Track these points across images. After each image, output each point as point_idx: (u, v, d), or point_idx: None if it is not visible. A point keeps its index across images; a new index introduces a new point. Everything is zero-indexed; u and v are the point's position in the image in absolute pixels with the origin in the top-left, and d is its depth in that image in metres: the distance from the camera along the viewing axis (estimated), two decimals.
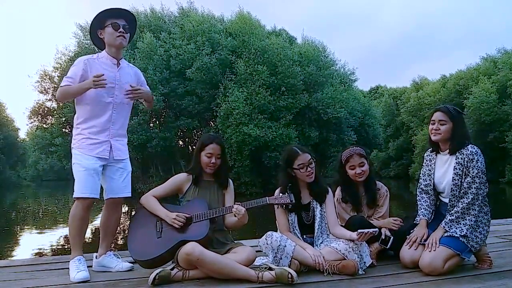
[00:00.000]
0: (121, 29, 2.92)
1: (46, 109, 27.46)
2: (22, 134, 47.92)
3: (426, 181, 2.99)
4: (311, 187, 3.06)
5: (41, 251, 8.82)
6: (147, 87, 3.26)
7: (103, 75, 2.79)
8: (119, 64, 3.00)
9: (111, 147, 2.93)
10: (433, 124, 2.86)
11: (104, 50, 3.00)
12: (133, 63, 3.15)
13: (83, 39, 25.06)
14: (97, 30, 2.98)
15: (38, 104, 27.43)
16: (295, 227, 2.97)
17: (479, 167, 2.71)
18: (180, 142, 27.09)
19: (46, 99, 27.18)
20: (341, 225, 3.07)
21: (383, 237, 2.96)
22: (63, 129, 24.96)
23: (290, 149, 3.07)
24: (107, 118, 2.92)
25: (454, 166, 2.78)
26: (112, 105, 2.94)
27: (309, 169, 2.96)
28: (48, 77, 26.56)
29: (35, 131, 29.34)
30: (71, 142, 2.99)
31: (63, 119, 24.61)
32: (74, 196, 2.80)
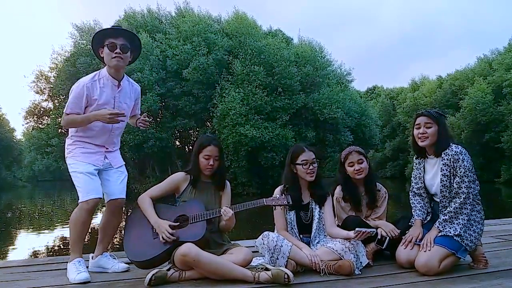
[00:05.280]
0: (117, 50, 2.83)
1: (42, 109, 27.35)
2: (18, 135, 47.73)
3: (418, 184, 3.00)
4: (312, 188, 3.07)
5: (36, 252, 8.79)
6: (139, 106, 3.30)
7: (123, 114, 2.81)
8: (120, 85, 2.95)
9: (105, 157, 2.96)
10: (419, 128, 2.86)
11: (104, 68, 2.95)
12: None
13: (79, 39, 24.95)
14: (98, 48, 2.92)
15: (34, 105, 27.33)
16: (293, 226, 2.98)
17: (466, 166, 2.72)
18: (177, 143, 27.04)
19: (42, 99, 27.09)
20: (338, 225, 3.08)
21: (379, 237, 2.96)
22: (59, 130, 24.84)
23: (296, 145, 3.16)
24: (104, 139, 2.95)
25: (441, 168, 2.80)
26: (111, 129, 2.95)
27: (311, 167, 2.98)
28: (44, 77, 26.45)
29: (31, 131, 29.19)
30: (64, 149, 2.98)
31: (59, 119, 24.46)
32: (80, 200, 2.77)
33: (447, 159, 2.77)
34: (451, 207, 2.74)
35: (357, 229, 2.71)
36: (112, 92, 2.90)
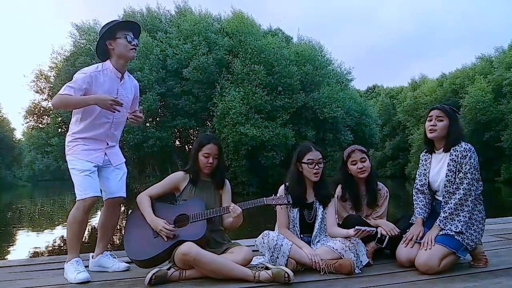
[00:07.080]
0: (134, 42, 2.92)
1: (42, 109, 27.37)
2: (18, 134, 47.73)
3: (422, 181, 3.01)
4: (317, 188, 3.06)
5: (36, 251, 8.80)
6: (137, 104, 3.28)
7: (121, 104, 2.79)
8: (123, 77, 2.97)
9: (105, 154, 2.94)
10: (430, 120, 2.89)
11: (108, 61, 2.94)
12: (129, 63, 3.12)
13: (79, 39, 24.95)
14: (106, 40, 2.92)
15: (34, 104, 27.37)
16: (295, 224, 2.98)
17: (472, 163, 2.74)
18: (177, 142, 27.05)
19: (42, 98, 27.14)
20: (338, 223, 3.08)
21: (379, 236, 2.97)
22: (59, 129, 24.85)
23: (304, 144, 3.15)
24: (104, 132, 2.92)
25: (448, 163, 2.81)
26: (112, 121, 2.93)
27: (316, 167, 2.97)
28: (44, 76, 26.47)
29: (31, 131, 29.20)
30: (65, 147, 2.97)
31: (59, 119, 24.51)
32: (78, 198, 2.77)
33: (455, 155, 2.79)
34: (451, 203, 2.76)
35: (356, 227, 2.72)
36: (115, 84, 2.92)
